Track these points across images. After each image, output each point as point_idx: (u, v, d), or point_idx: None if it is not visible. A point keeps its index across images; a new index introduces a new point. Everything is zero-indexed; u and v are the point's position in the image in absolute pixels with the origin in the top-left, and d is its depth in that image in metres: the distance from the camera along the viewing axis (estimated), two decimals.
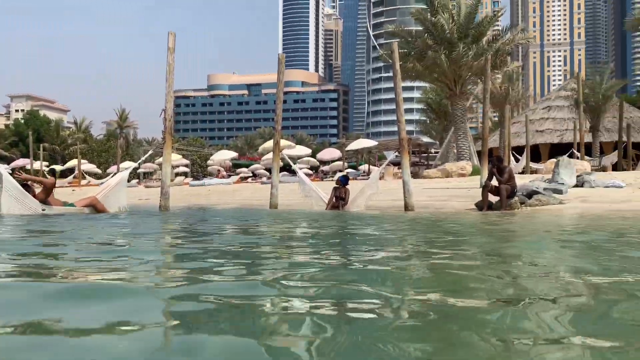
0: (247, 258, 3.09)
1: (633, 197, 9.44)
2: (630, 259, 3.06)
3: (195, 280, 2.20)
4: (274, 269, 2.56)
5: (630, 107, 34.31)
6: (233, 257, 3.14)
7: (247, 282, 2.25)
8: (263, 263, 2.84)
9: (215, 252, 3.40)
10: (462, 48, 23.97)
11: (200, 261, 2.93)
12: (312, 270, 2.53)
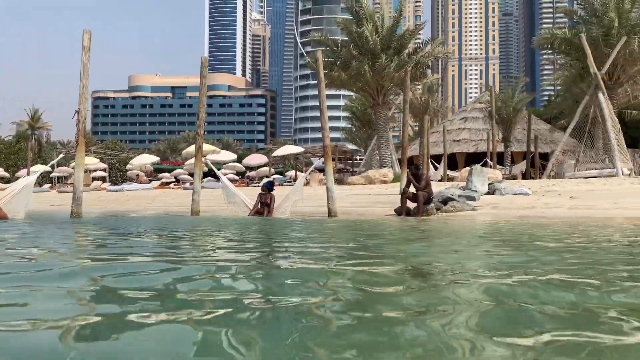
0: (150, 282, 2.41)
1: (537, 204, 10.14)
2: (529, 263, 3.28)
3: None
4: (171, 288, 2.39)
5: (538, 120, 36.87)
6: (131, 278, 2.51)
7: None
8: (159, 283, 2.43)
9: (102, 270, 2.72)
10: (384, 59, 24.73)
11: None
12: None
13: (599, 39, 23.09)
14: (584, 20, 25.47)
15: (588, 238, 5.21)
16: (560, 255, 3.58)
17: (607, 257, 3.55)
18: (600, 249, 4.21)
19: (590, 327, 1.52)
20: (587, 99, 20.64)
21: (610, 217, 8.05)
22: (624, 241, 4.95)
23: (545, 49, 27.32)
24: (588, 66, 20.44)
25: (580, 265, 3.02)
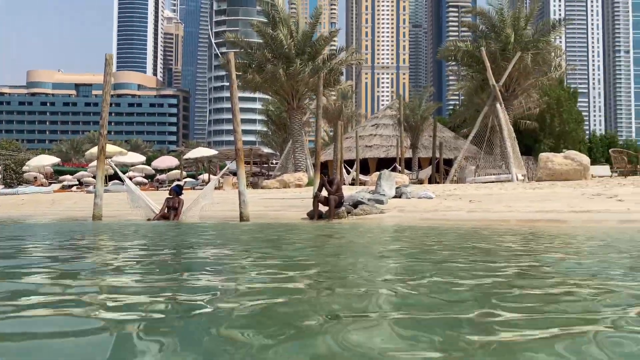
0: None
1: (440, 207, 10.67)
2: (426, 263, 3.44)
3: None
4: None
5: (444, 128, 38.89)
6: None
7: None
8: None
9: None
10: (299, 64, 24.95)
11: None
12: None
13: (497, 53, 24.88)
14: (484, 34, 27.30)
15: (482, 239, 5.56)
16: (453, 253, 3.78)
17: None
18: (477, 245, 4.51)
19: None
20: (486, 108, 22.10)
21: (504, 219, 8.65)
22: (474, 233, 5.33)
23: (450, 60, 28.96)
24: (487, 78, 21.90)
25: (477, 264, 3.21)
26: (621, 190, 11.16)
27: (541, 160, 16.21)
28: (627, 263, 3.52)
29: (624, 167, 18.44)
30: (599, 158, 45.21)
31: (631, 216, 7.75)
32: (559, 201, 10.19)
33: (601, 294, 2.28)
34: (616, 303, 2.06)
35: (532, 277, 2.89)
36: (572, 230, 6.86)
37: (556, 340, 1.47)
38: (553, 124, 37.04)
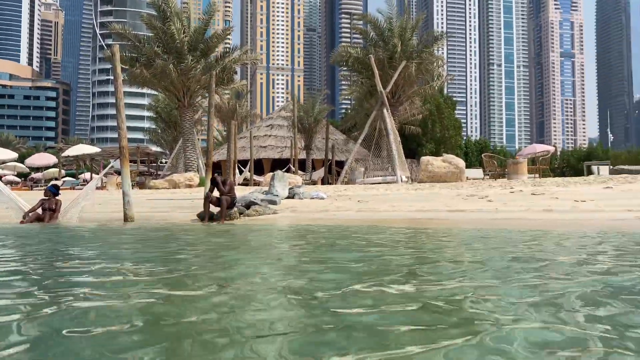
0: None
1: (330, 207, 10.99)
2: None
3: None
4: None
5: (336, 130, 40.05)
6: None
7: None
8: None
9: None
10: (191, 60, 24.28)
11: None
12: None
13: (385, 61, 26.16)
14: (374, 42, 28.55)
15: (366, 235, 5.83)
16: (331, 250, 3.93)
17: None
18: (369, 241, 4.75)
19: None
20: (374, 113, 23.14)
21: (389, 218, 9.12)
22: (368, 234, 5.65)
23: (342, 65, 29.91)
24: (376, 84, 22.94)
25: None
26: (491, 192, 12.27)
27: (422, 163, 17.32)
28: (489, 251, 3.92)
29: (494, 171, 20.30)
30: (473, 162, 49.27)
31: (498, 215, 8.56)
32: (437, 201, 10.96)
33: (482, 291, 2.51)
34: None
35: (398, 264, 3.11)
36: (449, 225, 7.44)
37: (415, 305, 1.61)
38: (434, 130, 39.71)
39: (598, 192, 10.48)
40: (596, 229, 6.03)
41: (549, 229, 6.18)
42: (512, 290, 2.51)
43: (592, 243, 4.79)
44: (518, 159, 20.70)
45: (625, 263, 3.43)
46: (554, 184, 13.32)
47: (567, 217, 7.61)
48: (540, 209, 8.69)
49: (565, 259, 3.66)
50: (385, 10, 28.30)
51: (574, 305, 2.10)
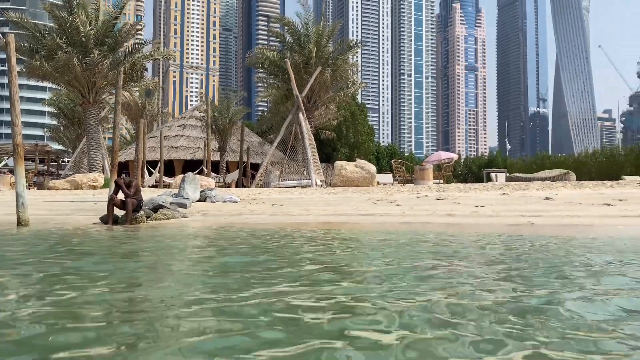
0: None
1: (244, 211, 10.86)
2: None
3: None
4: None
5: (251, 133, 39.77)
6: None
7: None
8: None
9: None
10: (97, 55, 23.00)
11: None
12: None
13: (301, 65, 26.36)
14: (290, 46, 28.68)
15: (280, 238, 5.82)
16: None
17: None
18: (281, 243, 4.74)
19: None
20: (290, 117, 23.24)
21: (302, 222, 9.17)
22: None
23: (258, 67, 29.74)
24: (292, 88, 23.04)
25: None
26: (399, 196, 12.74)
27: (336, 167, 17.64)
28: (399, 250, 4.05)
29: (402, 176, 21.13)
30: (384, 167, 51.00)
31: (406, 218, 8.90)
32: (349, 205, 11.19)
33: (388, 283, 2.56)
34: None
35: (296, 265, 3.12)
36: (360, 228, 7.61)
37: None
38: (349, 135, 40.66)
39: (495, 198, 11.22)
40: (494, 232, 6.45)
41: (447, 232, 6.51)
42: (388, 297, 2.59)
43: (487, 243, 5.11)
44: (424, 165, 21.70)
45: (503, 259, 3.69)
46: (456, 190, 14.09)
47: (467, 221, 8.06)
48: (444, 213, 9.15)
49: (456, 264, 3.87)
50: (302, 14, 28.56)
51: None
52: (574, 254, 4.29)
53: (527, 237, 5.71)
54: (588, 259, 3.87)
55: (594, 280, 2.99)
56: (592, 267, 3.51)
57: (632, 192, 10.95)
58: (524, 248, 4.70)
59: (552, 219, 7.62)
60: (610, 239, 5.50)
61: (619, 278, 3.05)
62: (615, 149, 43.98)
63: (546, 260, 3.83)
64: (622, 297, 2.54)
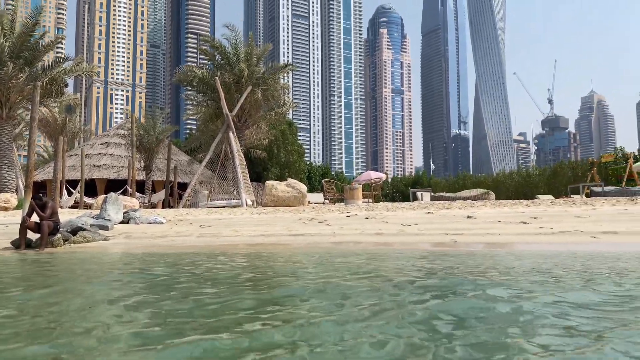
0: None
1: (169, 233, 10.48)
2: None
3: None
4: None
5: (179, 151, 38.79)
6: None
7: None
8: None
9: None
10: (12, 68, 21.66)
11: None
12: None
13: (232, 84, 26.18)
14: (220, 65, 28.44)
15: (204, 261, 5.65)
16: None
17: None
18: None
19: None
20: (220, 135, 22.92)
21: (231, 243, 8.98)
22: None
23: (186, 85, 29.20)
24: (222, 107, 22.79)
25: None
26: (330, 216, 12.85)
27: (267, 187, 17.54)
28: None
29: (333, 195, 21.36)
30: (316, 186, 51.42)
31: (336, 238, 8.96)
32: (280, 225, 11.13)
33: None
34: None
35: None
36: (290, 250, 7.56)
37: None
38: (280, 155, 40.69)
39: (421, 217, 11.58)
40: (419, 250, 6.62)
41: (375, 252, 6.62)
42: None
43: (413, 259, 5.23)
44: (354, 185, 22.09)
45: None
46: (385, 209, 14.42)
47: (395, 240, 8.24)
48: (373, 232, 9.31)
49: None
50: (230, 36, 28.47)
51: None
52: (483, 271, 4.49)
53: (449, 255, 5.91)
54: (495, 277, 4.05)
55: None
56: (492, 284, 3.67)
57: (545, 211, 11.69)
58: (445, 265, 4.86)
59: (474, 237, 7.95)
60: (514, 257, 5.81)
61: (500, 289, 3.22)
62: (530, 169, 46.99)
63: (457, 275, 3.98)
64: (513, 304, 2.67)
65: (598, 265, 4.76)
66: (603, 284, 3.62)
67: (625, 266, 4.67)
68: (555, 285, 3.55)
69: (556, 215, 10.51)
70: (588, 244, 6.77)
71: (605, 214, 10.57)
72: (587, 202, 14.03)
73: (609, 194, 19.46)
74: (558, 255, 5.58)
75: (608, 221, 9.18)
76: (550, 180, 41.42)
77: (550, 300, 2.99)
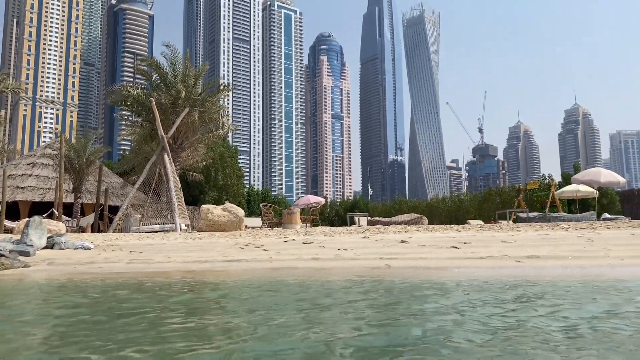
0: None
1: (97, 259, 9.99)
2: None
3: None
4: None
5: (112, 173, 37.29)
6: None
7: None
8: None
9: None
10: None
11: None
12: None
13: (168, 105, 25.66)
14: (156, 85, 27.85)
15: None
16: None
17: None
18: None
19: None
20: (154, 157, 22.29)
21: (162, 270, 8.67)
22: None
23: (121, 105, 28.34)
24: (157, 128, 22.24)
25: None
26: (267, 240, 12.72)
27: (202, 211, 17.17)
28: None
29: (271, 220, 21.22)
30: (255, 210, 50.91)
31: (273, 264, 8.86)
32: (215, 250, 10.88)
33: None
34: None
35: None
36: (223, 276, 7.39)
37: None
38: (217, 178, 40.06)
39: (358, 241, 11.71)
40: (354, 274, 6.67)
41: (310, 276, 6.61)
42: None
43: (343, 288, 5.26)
44: (293, 209, 22.07)
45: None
46: (322, 234, 14.47)
47: (331, 265, 8.27)
48: (309, 257, 9.29)
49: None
50: (169, 56, 28.01)
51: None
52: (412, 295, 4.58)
53: (382, 280, 5.99)
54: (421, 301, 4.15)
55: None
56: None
57: (474, 236, 12.14)
58: (377, 289, 4.91)
59: (407, 262, 8.12)
60: (440, 282, 5.99)
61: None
62: (462, 195, 48.88)
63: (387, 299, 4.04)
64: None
65: (519, 290, 4.98)
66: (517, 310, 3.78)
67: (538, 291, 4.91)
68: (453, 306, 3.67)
69: (485, 240, 10.94)
70: (513, 268, 7.08)
71: (529, 239, 11.12)
72: (513, 228, 14.72)
73: (534, 219, 20.53)
74: (481, 279, 5.79)
75: (531, 246, 9.66)
76: (480, 205, 43.24)
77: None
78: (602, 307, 3.83)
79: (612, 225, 14.46)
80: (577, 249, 8.92)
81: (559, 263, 7.49)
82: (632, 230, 12.39)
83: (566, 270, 6.79)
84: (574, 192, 24.99)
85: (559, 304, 4.01)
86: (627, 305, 3.96)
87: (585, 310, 3.73)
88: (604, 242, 9.90)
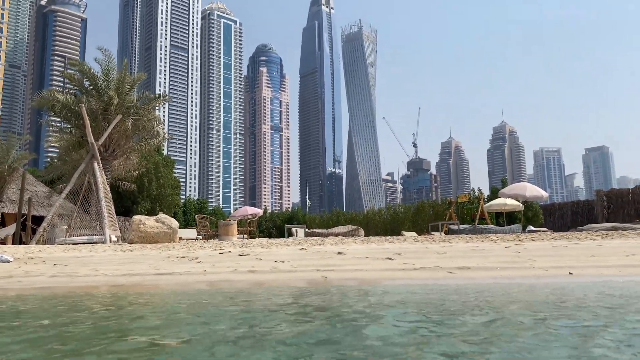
0: None
1: (17, 272, 9.33)
2: None
3: None
4: None
5: (37, 181, 35.17)
6: None
7: None
8: None
9: None
10: None
11: None
12: None
13: (99, 112, 24.63)
14: (87, 91, 26.67)
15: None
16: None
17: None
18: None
19: None
20: (83, 165, 21.28)
21: (90, 285, 8.22)
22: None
23: (47, 110, 26.90)
24: (87, 135, 21.27)
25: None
26: (202, 253, 12.40)
27: (134, 222, 16.54)
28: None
29: (207, 231, 20.75)
30: (191, 221, 49.60)
31: (207, 277, 8.62)
32: (146, 263, 10.47)
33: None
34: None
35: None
36: (153, 291, 7.10)
37: None
38: (151, 188, 38.74)
39: (295, 253, 11.65)
40: (291, 287, 6.61)
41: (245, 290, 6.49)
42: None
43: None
44: (229, 220, 21.70)
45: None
46: (259, 245, 14.30)
47: (267, 277, 8.16)
48: (246, 269, 9.13)
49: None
50: (102, 61, 26.92)
51: None
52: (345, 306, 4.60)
53: (317, 291, 5.98)
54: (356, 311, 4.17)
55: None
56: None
57: (408, 247, 12.42)
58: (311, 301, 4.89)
59: (343, 273, 8.16)
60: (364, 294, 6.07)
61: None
62: (397, 207, 50.01)
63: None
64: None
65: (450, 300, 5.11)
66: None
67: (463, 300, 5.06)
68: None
69: (418, 252, 11.20)
70: (445, 279, 7.28)
71: (460, 250, 11.50)
72: (445, 239, 15.19)
73: (464, 231, 21.31)
74: (412, 289, 5.91)
75: (462, 257, 9.99)
76: (414, 217, 44.39)
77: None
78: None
79: (536, 237, 15.26)
80: (505, 260, 9.32)
81: (488, 274, 7.79)
82: (554, 242, 13.13)
83: (495, 281, 7.07)
84: (502, 205, 26.23)
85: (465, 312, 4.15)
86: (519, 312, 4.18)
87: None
88: (529, 253, 10.41)
